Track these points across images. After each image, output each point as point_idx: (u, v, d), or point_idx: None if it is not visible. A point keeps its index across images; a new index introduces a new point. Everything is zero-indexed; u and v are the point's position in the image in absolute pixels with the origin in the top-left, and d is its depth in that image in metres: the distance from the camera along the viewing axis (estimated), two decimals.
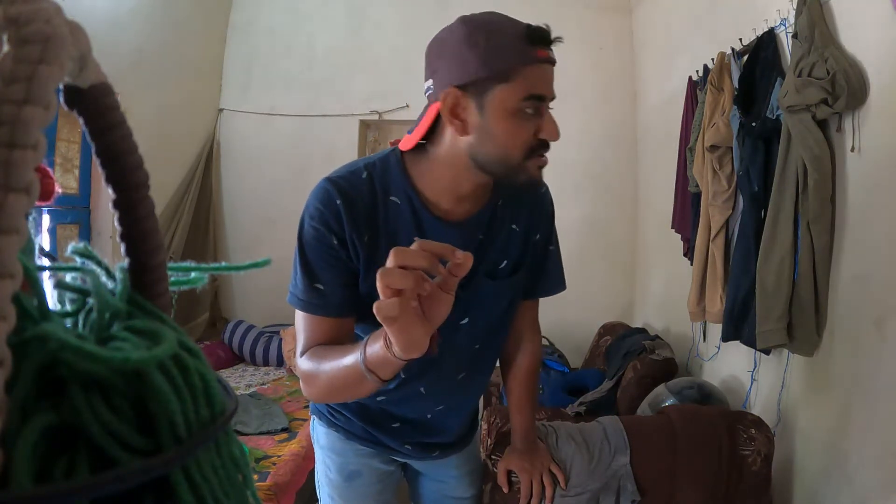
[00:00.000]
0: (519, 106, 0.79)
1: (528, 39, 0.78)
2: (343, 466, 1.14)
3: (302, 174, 3.69)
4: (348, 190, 0.88)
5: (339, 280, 0.89)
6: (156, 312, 0.29)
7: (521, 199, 1.01)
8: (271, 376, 3.04)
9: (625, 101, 3.55)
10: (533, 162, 0.83)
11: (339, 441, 1.12)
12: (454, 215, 0.93)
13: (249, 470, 0.30)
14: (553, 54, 0.82)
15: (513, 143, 0.81)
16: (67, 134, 2.59)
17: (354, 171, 0.90)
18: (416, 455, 1.15)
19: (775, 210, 1.67)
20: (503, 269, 0.99)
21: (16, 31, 0.23)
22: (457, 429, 1.17)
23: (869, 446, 1.46)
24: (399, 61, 3.64)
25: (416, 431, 1.11)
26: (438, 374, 1.02)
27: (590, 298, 3.42)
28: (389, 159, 0.92)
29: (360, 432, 1.10)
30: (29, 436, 0.21)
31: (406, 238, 0.88)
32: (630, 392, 2.31)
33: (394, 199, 0.90)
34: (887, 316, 1.40)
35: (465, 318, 0.98)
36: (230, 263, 0.38)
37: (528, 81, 0.78)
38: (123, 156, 0.29)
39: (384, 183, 0.90)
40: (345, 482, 1.14)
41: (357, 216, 0.87)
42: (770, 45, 1.85)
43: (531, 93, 0.79)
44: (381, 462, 1.16)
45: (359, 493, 1.15)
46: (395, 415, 1.08)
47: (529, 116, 0.81)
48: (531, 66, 0.78)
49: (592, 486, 1.31)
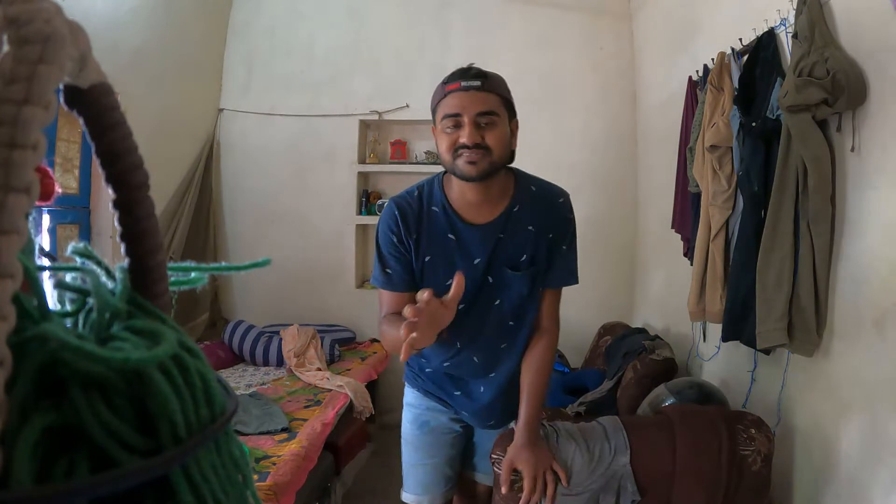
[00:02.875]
0: (442, 124, 1.20)
1: (444, 82, 1.21)
2: (417, 417, 1.49)
3: (302, 174, 3.69)
4: (403, 205, 1.29)
5: (400, 267, 1.29)
6: (156, 312, 0.29)
7: (538, 206, 1.30)
8: (271, 376, 3.04)
9: (625, 101, 3.55)
10: (459, 160, 1.19)
11: (418, 398, 1.49)
12: (477, 219, 1.28)
13: (249, 470, 0.30)
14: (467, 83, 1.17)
15: (443, 148, 1.21)
16: (67, 134, 2.59)
17: (410, 192, 1.32)
18: (474, 420, 1.46)
19: (775, 210, 1.67)
20: (523, 261, 1.29)
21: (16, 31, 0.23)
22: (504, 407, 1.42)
23: (869, 446, 1.46)
24: (399, 61, 3.64)
25: (472, 402, 1.41)
26: (487, 343, 1.34)
27: (590, 298, 3.42)
28: (434, 180, 1.32)
29: (433, 391, 1.45)
30: (29, 436, 0.21)
31: (442, 236, 1.27)
32: (630, 392, 2.31)
33: (434, 209, 1.29)
34: (887, 316, 1.40)
35: (497, 300, 1.31)
36: (230, 263, 0.38)
37: (443, 107, 1.20)
38: (123, 156, 0.29)
39: (428, 198, 1.30)
40: (417, 430, 1.48)
41: (408, 222, 1.28)
42: (770, 45, 1.85)
43: (445, 112, 1.19)
44: (448, 419, 1.47)
45: (425, 441, 1.48)
46: (457, 380, 1.41)
47: (451, 130, 1.19)
48: (445, 97, 1.20)
49: (592, 486, 1.31)
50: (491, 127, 1.18)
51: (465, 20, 3.57)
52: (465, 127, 1.16)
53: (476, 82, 1.17)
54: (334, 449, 2.50)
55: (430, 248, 1.27)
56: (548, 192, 1.33)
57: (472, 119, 1.16)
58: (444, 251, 1.27)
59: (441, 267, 1.27)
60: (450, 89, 1.18)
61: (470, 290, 1.25)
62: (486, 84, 1.18)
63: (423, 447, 1.47)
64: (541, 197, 1.31)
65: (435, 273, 1.27)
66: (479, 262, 1.27)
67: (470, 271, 1.25)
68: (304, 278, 3.62)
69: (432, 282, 1.25)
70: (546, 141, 3.47)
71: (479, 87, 1.17)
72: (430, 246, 1.27)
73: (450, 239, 1.27)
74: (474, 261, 1.27)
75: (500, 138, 1.19)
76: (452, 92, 1.18)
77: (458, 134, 1.17)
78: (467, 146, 1.16)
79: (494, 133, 1.18)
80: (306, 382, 2.90)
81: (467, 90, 1.17)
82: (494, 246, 1.27)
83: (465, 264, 1.26)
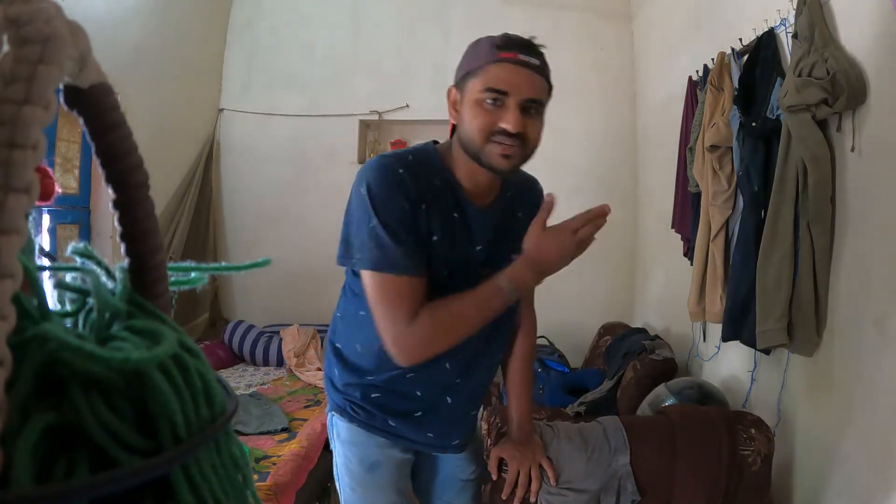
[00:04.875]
0: (481, 96, 0.96)
1: (495, 44, 0.97)
2: (364, 458, 1.20)
3: (302, 174, 3.69)
4: (410, 165, 1.02)
5: (413, 241, 1.01)
6: (156, 312, 0.29)
7: (522, 191, 1.17)
8: (271, 376, 3.04)
9: (625, 101, 3.55)
10: (492, 147, 0.98)
11: (361, 434, 1.19)
12: (481, 201, 1.09)
13: (249, 470, 0.30)
14: (526, 57, 0.96)
15: (474, 126, 0.97)
16: (67, 134, 2.59)
17: (402, 155, 1.05)
18: (437, 444, 1.22)
19: (775, 210, 1.67)
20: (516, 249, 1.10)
21: (16, 31, 0.23)
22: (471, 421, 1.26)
23: (869, 446, 1.46)
24: (399, 61, 3.63)
25: (437, 420, 1.19)
26: (468, 348, 1.10)
27: (590, 298, 3.42)
28: (427, 149, 1.09)
29: (381, 425, 1.18)
30: (29, 436, 0.21)
31: (448, 213, 1.05)
32: (630, 392, 2.31)
33: (435, 182, 1.05)
34: (887, 316, 1.40)
35: None
36: (230, 263, 0.38)
37: (489, 76, 0.96)
38: (123, 156, 0.29)
39: (426, 167, 1.05)
40: (366, 473, 1.20)
41: (420, 187, 1.02)
42: (770, 45, 1.85)
43: (489, 86, 0.96)
44: (401, 451, 1.22)
45: (379, 483, 1.21)
46: (420, 397, 1.16)
47: (490, 107, 0.96)
48: (494, 64, 0.96)
49: (592, 486, 1.31)
50: (535, 116, 1.00)
51: (466, 20, 3.57)
52: (510, 110, 0.96)
53: (536, 60, 0.97)
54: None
55: (437, 226, 1.04)
56: (528, 178, 1.22)
57: (520, 103, 0.96)
58: (449, 232, 1.06)
59: (445, 251, 1.06)
60: (504, 56, 0.95)
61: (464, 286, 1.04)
62: (543, 67, 0.99)
63: (376, 490, 1.21)
64: (524, 182, 1.19)
65: (438, 258, 1.05)
66: (481, 249, 1.10)
67: (470, 260, 1.09)
68: (305, 278, 3.62)
69: (434, 269, 1.04)
70: (546, 141, 3.43)
71: (537, 67, 0.97)
72: (438, 223, 1.04)
73: (455, 218, 1.07)
74: (476, 247, 1.10)
75: (539, 131, 1.02)
76: (506, 62, 0.95)
77: (500, 115, 0.96)
78: (509, 133, 0.96)
79: (536, 124, 1.00)
80: (306, 382, 2.90)
81: (526, 66, 0.96)
82: (494, 234, 1.11)
83: (469, 249, 1.09)
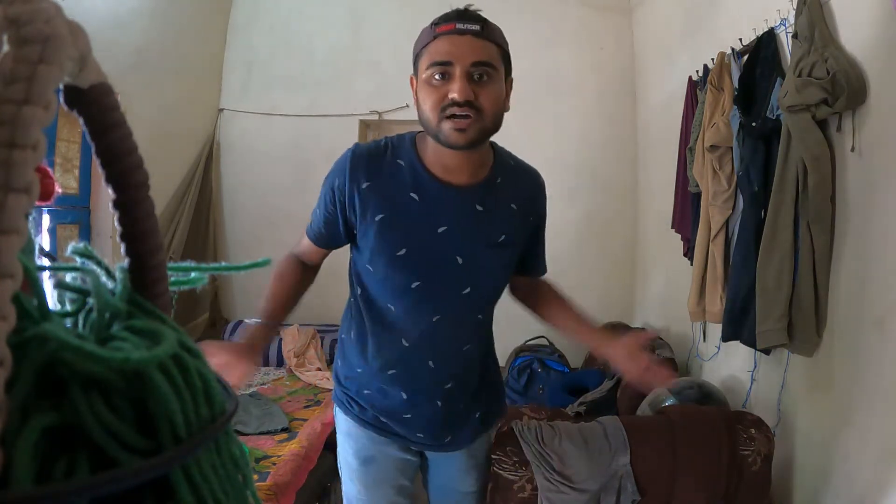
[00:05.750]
0: (428, 73, 0.98)
1: (434, 23, 1.00)
2: (359, 451, 1.22)
3: (302, 174, 3.68)
4: (360, 151, 1.08)
5: (322, 218, 1.12)
6: (156, 312, 0.29)
7: (520, 183, 1.14)
8: (271, 376, 3.04)
9: (625, 101, 3.55)
10: (445, 124, 0.97)
11: (355, 427, 1.22)
12: (457, 180, 1.06)
13: (249, 470, 0.30)
14: (463, 25, 0.97)
15: (427, 106, 0.98)
16: (67, 134, 2.59)
17: (377, 141, 1.11)
18: (429, 443, 1.20)
19: (775, 210, 1.67)
20: (502, 241, 1.10)
21: (16, 31, 0.23)
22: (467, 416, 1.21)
23: (869, 446, 1.46)
24: (399, 61, 3.62)
25: (427, 422, 1.17)
26: (446, 345, 1.12)
27: (590, 298, 3.41)
28: (406, 136, 1.11)
29: (373, 421, 1.19)
30: (29, 436, 0.21)
31: (402, 194, 1.05)
32: (630, 392, 2.31)
33: (399, 162, 1.07)
34: (887, 316, 1.40)
35: (468, 288, 1.09)
36: (230, 263, 0.38)
37: (431, 53, 0.98)
38: (123, 156, 0.29)
39: (395, 150, 1.08)
40: (361, 466, 1.23)
41: (358, 167, 1.06)
42: (770, 45, 1.85)
43: (433, 60, 0.97)
44: (398, 449, 1.22)
45: (374, 478, 1.22)
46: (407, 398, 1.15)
47: (438, 82, 0.97)
48: (434, 40, 0.98)
49: (593, 485, 1.31)
50: (487, 83, 0.97)
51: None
52: (455, 79, 0.95)
53: (475, 26, 0.96)
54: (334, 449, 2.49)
55: (385, 205, 1.05)
56: (528, 170, 1.18)
57: (465, 70, 0.95)
58: (401, 213, 1.05)
59: (396, 232, 1.05)
60: (441, 30, 0.97)
61: (428, 269, 1.06)
62: (486, 30, 0.98)
63: (372, 485, 1.23)
64: (521, 173, 1.16)
65: (385, 239, 1.05)
66: (445, 231, 1.05)
67: (432, 241, 1.05)
68: None
69: (383, 249, 1.06)
70: (546, 141, 3.47)
71: (477, 32, 0.96)
72: (385, 202, 1.05)
73: (412, 199, 1.05)
74: (438, 228, 1.05)
75: (495, 98, 0.98)
76: (444, 35, 0.96)
77: (447, 88, 0.95)
78: (458, 102, 0.94)
79: (489, 90, 0.97)
80: (306, 382, 2.90)
81: (463, 34, 0.96)
82: (471, 217, 1.07)
83: (427, 232, 1.05)
